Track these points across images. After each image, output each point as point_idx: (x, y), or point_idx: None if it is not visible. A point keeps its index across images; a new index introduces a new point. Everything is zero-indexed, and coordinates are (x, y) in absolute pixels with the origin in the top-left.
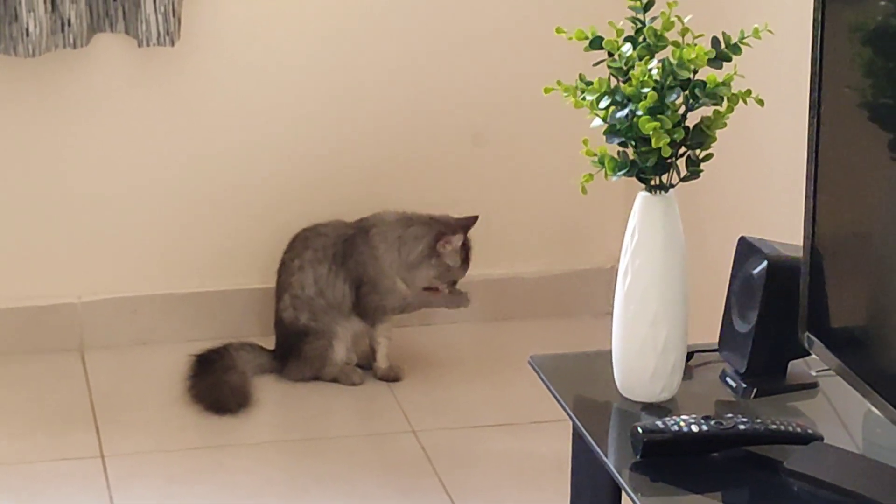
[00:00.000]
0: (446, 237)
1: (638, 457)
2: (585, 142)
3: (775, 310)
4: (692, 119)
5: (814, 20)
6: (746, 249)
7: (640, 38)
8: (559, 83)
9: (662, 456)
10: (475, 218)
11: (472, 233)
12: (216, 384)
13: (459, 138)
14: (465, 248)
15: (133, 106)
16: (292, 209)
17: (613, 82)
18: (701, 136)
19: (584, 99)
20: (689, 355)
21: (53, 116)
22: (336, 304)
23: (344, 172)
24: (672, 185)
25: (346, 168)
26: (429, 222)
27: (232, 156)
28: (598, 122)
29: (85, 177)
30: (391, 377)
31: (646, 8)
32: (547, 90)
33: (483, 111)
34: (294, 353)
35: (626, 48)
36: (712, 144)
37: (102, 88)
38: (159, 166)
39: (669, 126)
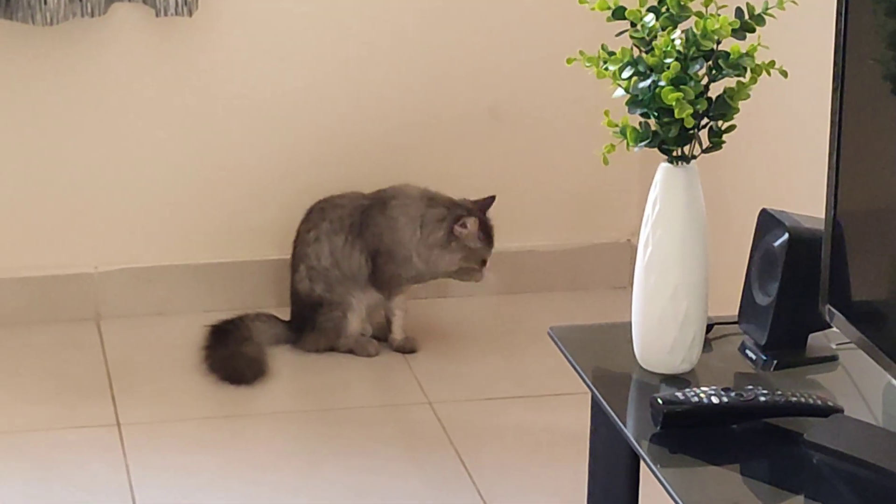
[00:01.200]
0: (462, 220)
1: (658, 428)
2: (607, 113)
3: (796, 282)
4: (715, 90)
5: None
6: (768, 221)
7: (663, 9)
8: (581, 53)
9: (682, 427)
10: (492, 198)
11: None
12: (232, 355)
13: (475, 111)
14: (486, 228)
15: (150, 76)
16: (308, 181)
17: (636, 53)
18: (724, 108)
19: (606, 69)
20: (709, 327)
21: (70, 86)
22: (352, 275)
23: (360, 145)
24: (694, 157)
25: (363, 140)
26: (449, 205)
27: (249, 126)
28: (620, 92)
29: (102, 146)
30: (407, 349)
31: None
32: (569, 61)
33: (499, 83)
34: (309, 324)
35: (649, 18)
36: (735, 116)
37: (120, 58)
38: (176, 136)
39: (692, 97)
